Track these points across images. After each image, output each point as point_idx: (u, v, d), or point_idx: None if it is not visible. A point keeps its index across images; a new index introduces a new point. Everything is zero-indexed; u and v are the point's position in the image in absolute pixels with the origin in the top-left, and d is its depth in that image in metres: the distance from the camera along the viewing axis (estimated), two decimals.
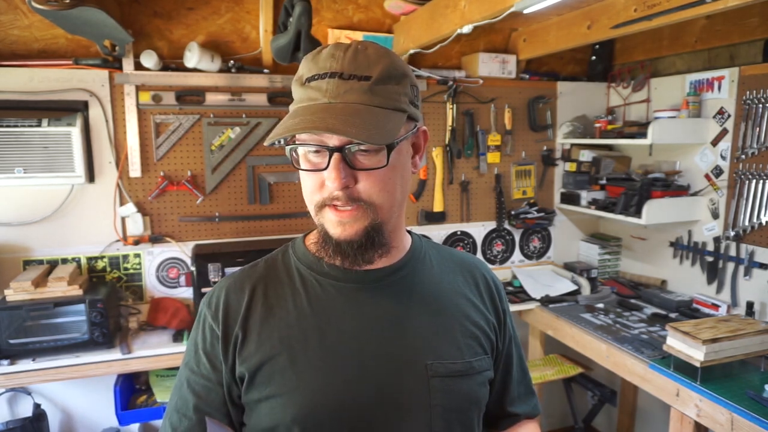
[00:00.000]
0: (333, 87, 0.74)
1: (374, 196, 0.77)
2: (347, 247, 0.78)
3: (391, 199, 0.79)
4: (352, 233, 0.77)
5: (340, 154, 0.74)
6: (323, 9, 2.47)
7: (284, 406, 0.78)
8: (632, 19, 1.98)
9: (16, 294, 2.02)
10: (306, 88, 0.77)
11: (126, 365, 2.10)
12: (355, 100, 0.74)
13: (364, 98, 0.74)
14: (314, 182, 0.78)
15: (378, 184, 0.77)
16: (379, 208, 0.78)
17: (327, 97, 0.74)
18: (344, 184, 0.74)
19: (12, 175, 2.13)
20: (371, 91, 0.75)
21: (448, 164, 2.87)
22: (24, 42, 2.18)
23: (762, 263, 2.27)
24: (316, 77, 0.76)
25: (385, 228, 0.80)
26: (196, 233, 2.52)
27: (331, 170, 0.74)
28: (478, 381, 0.86)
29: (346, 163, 0.74)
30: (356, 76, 0.75)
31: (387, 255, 0.84)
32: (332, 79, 0.75)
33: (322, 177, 0.76)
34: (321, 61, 0.76)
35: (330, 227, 0.78)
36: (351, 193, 0.76)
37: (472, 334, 0.88)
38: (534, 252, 3.13)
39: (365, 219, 0.77)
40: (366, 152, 0.75)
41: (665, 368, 1.90)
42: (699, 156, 2.55)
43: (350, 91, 0.74)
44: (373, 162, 0.76)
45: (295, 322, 0.82)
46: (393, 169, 0.78)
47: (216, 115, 2.47)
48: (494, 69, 2.79)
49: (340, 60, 0.75)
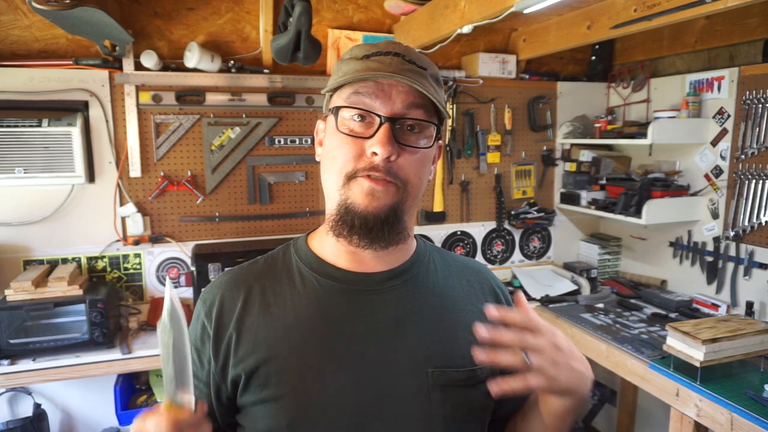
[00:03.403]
0: (396, 63, 0.76)
1: (410, 176, 0.77)
2: (372, 220, 0.76)
3: (420, 185, 0.80)
4: (381, 205, 0.76)
5: (390, 124, 0.74)
6: (323, 9, 2.48)
7: (280, 411, 0.76)
8: (632, 19, 1.98)
9: (17, 294, 2.02)
10: (365, 61, 0.78)
11: (126, 365, 2.10)
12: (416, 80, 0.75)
13: (423, 82, 0.76)
14: (352, 150, 0.76)
15: (416, 164, 0.77)
16: (409, 191, 0.78)
17: (390, 70, 0.75)
18: (391, 152, 0.74)
19: (12, 175, 2.13)
20: (427, 78, 0.78)
21: (448, 164, 2.87)
22: (24, 42, 2.18)
23: (762, 263, 2.27)
24: (378, 54, 0.77)
25: (405, 215, 0.80)
26: (196, 233, 2.52)
27: (381, 136, 0.73)
28: (481, 390, 0.82)
29: (393, 136, 0.75)
30: (415, 63, 0.78)
31: (397, 246, 0.82)
32: (396, 57, 0.77)
33: (362, 145, 0.75)
34: (381, 45, 0.79)
35: (358, 197, 0.76)
36: (391, 166, 0.75)
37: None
38: (534, 252, 3.13)
39: (395, 196, 0.77)
40: (414, 132, 0.77)
41: (665, 368, 1.90)
42: (699, 156, 2.55)
43: (411, 71, 0.76)
44: (417, 142, 0.77)
45: (293, 323, 0.80)
46: (428, 158, 0.80)
47: (216, 115, 2.47)
48: (494, 69, 2.79)
49: (400, 47, 0.79)
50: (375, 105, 0.75)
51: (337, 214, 0.78)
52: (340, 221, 0.78)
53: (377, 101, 0.75)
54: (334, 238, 0.81)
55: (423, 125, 0.77)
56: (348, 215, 0.77)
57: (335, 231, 0.79)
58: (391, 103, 0.74)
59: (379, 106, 0.74)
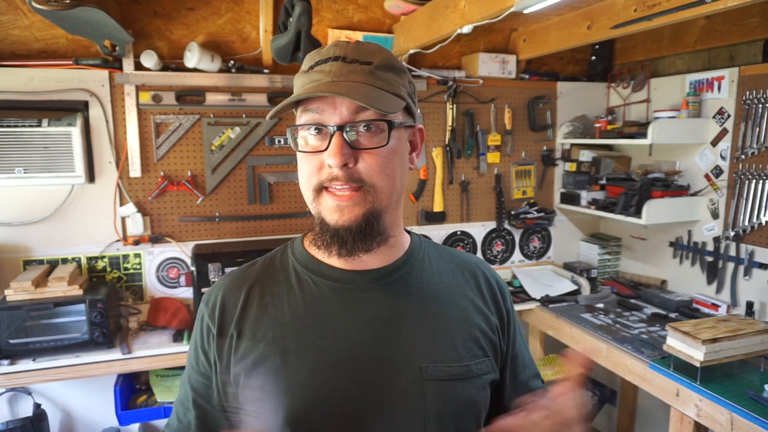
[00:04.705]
0: (336, 68, 0.76)
1: (375, 177, 0.76)
2: (345, 234, 0.77)
3: (392, 183, 0.79)
4: (351, 218, 0.76)
5: (340, 132, 0.74)
6: (323, 9, 2.47)
7: (277, 407, 0.77)
8: (632, 19, 1.98)
9: (17, 294, 2.02)
10: (309, 73, 0.78)
11: (126, 365, 2.10)
12: (358, 81, 0.76)
13: (366, 79, 0.76)
14: (313, 165, 0.77)
15: (378, 164, 0.77)
16: (378, 192, 0.77)
17: (330, 77, 0.76)
18: (344, 160, 0.74)
19: (12, 175, 2.13)
20: (372, 74, 0.77)
21: (448, 164, 2.87)
22: (24, 42, 2.18)
23: (762, 263, 2.27)
24: (320, 62, 0.78)
25: (383, 216, 0.80)
26: (196, 233, 2.52)
27: (332, 147, 0.74)
28: (476, 385, 0.84)
29: (346, 143, 0.75)
30: (358, 61, 0.77)
31: (385, 245, 0.82)
32: (335, 62, 0.77)
33: (321, 159, 0.76)
34: (324, 51, 0.79)
35: (327, 213, 0.77)
36: (351, 173, 0.75)
37: (472, 336, 0.86)
38: (534, 252, 3.13)
39: (364, 203, 0.77)
40: (366, 132, 0.76)
41: (665, 368, 1.90)
42: (699, 156, 2.55)
43: (353, 72, 0.76)
44: (374, 142, 0.77)
45: (289, 322, 0.81)
46: (393, 153, 0.79)
47: (216, 115, 2.47)
48: (494, 69, 2.79)
49: (342, 47, 0.79)
50: (324, 118, 0.76)
51: (317, 228, 0.81)
52: (320, 235, 0.80)
53: (325, 113, 0.76)
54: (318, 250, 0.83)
55: (376, 123, 0.77)
56: (323, 229, 0.79)
57: (317, 244, 0.82)
58: (338, 112, 0.75)
59: (327, 118, 0.76)
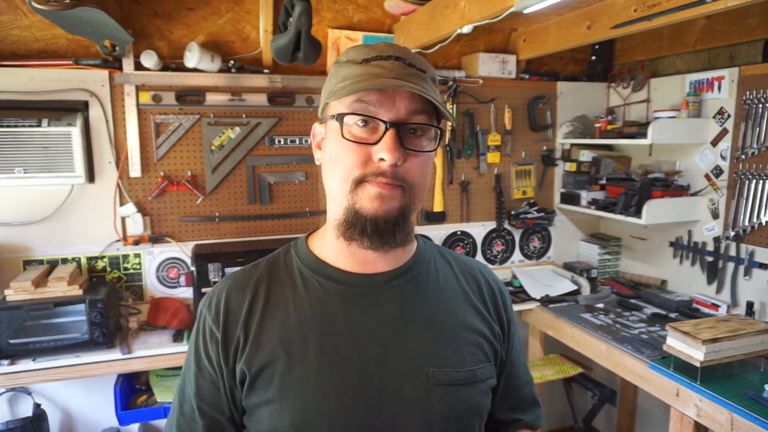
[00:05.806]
0: (398, 67, 0.77)
1: (416, 179, 0.78)
2: (383, 223, 0.77)
3: (424, 188, 0.81)
4: (390, 208, 0.76)
5: (397, 129, 0.74)
6: (323, 9, 2.47)
7: (282, 411, 0.77)
8: (632, 19, 1.98)
9: (16, 294, 2.02)
10: (366, 65, 0.77)
11: (126, 365, 2.10)
12: (418, 84, 0.76)
13: (424, 86, 0.77)
14: (358, 156, 0.76)
15: (420, 168, 0.78)
16: (415, 194, 0.79)
17: (393, 74, 0.76)
18: (399, 158, 0.74)
19: (12, 175, 2.13)
20: (427, 82, 0.79)
21: (448, 164, 2.87)
22: (24, 42, 2.18)
23: (762, 263, 2.27)
24: (378, 58, 0.78)
25: (411, 216, 0.81)
26: (196, 233, 2.52)
27: (388, 142, 0.74)
28: (480, 389, 0.85)
29: (399, 141, 0.75)
30: (415, 66, 0.78)
31: (407, 245, 0.85)
32: (396, 61, 0.77)
33: (368, 151, 0.75)
34: (378, 48, 0.79)
35: (367, 202, 0.76)
36: (398, 171, 0.75)
37: (476, 341, 0.86)
38: (534, 252, 3.13)
39: (403, 199, 0.77)
40: (412, 135, 0.77)
41: (665, 368, 1.90)
42: (699, 156, 2.55)
43: (412, 75, 0.77)
44: (421, 146, 0.78)
45: (295, 325, 0.81)
46: (430, 159, 0.81)
47: (216, 115, 2.47)
48: (494, 69, 2.79)
49: (399, 50, 0.79)
50: (379, 112, 0.75)
51: (345, 219, 0.79)
52: (350, 226, 0.78)
53: (381, 108, 0.75)
54: (345, 241, 0.81)
55: (426, 129, 0.78)
56: (358, 220, 0.77)
57: (346, 235, 0.80)
58: (396, 109, 0.75)
59: (383, 112, 0.75)
